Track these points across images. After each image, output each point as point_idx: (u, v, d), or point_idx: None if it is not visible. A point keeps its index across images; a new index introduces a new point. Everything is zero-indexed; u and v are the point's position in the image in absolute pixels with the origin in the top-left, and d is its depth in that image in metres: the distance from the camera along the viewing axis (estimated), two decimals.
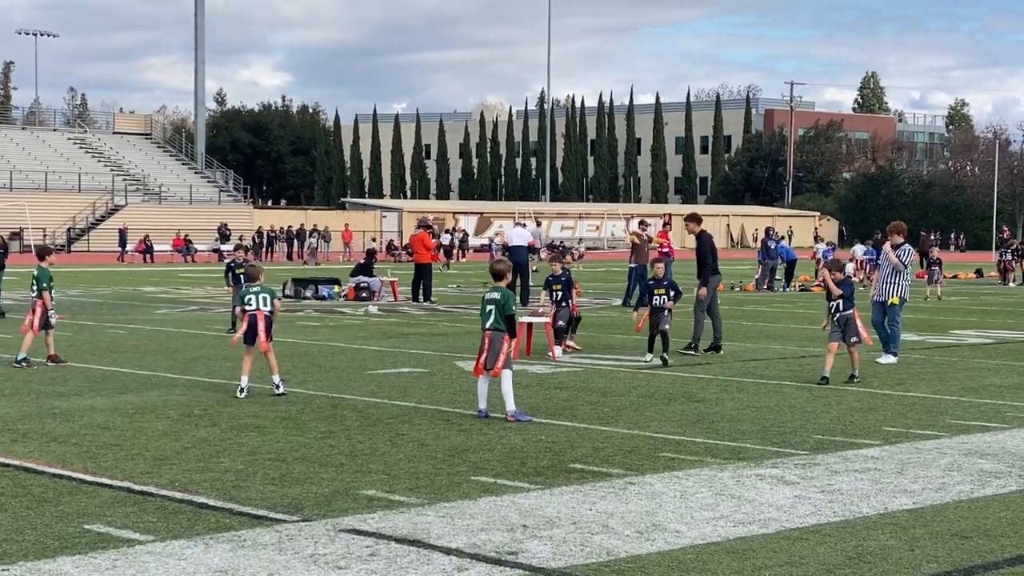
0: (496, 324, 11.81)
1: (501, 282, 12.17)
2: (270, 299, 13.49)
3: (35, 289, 16.14)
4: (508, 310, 11.86)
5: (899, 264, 17.23)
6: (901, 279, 17.29)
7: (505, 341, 11.81)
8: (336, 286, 31.28)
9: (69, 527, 7.50)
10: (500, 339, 11.79)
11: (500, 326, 11.81)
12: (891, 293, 17.21)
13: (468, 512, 8.03)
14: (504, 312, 11.83)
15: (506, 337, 11.84)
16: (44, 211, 71.48)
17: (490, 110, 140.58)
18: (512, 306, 11.93)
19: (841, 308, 15.00)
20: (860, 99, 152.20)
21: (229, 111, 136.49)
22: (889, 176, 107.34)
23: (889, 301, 17.18)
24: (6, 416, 11.72)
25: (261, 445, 10.33)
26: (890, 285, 17.27)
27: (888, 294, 17.23)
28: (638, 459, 9.90)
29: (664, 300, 16.85)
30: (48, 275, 16.21)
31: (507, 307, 11.86)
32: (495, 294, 11.99)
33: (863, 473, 9.42)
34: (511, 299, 11.98)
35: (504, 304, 11.86)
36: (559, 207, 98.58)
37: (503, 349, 11.78)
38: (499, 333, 11.81)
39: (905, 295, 17.41)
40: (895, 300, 17.16)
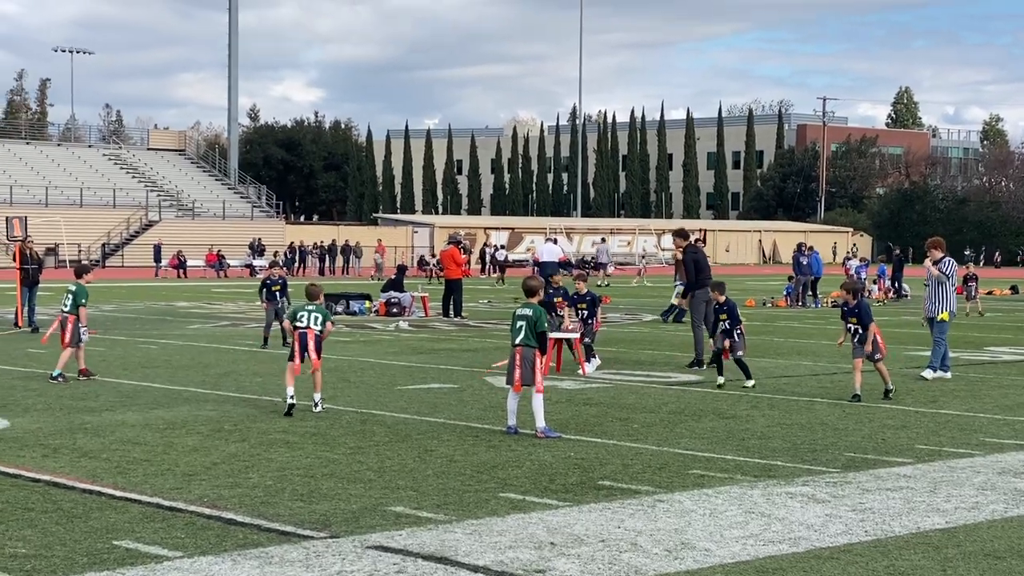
0: (527, 340, 11.77)
1: (533, 298, 12.13)
2: (322, 319, 13.50)
3: (67, 305, 16.23)
4: (540, 327, 11.82)
5: (942, 276, 17.12)
6: (948, 294, 17.16)
7: (537, 357, 11.79)
8: (367, 301, 31.35)
9: (98, 543, 7.52)
10: (532, 355, 11.76)
11: (531, 342, 11.78)
12: (940, 309, 17.10)
13: (496, 529, 8.00)
14: (536, 329, 11.80)
15: (537, 353, 11.81)
16: (79, 227, 71.97)
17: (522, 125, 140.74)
18: (544, 323, 11.90)
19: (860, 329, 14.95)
20: (893, 114, 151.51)
21: (262, 127, 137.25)
22: (923, 192, 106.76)
23: (939, 317, 17.06)
24: (38, 431, 11.78)
25: (290, 461, 10.33)
26: (938, 302, 17.16)
27: (937, 311, 17.12)
28: (667, 476, 9.85)
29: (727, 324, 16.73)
30: (85, 292, 16.40)
31: (539, 324, 11.82)
32: (527, 310, 11.95)
33: (895, 491, 9.34)
34: (543, 316, 11.94)
35: (536, 320, 11.82)
36: (590, 222, 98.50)
37: (536, 365, 11.74)
38: (530, 349, 11.78)
39: (953, 309, 17.29)
40: (944, 316, 17.05)
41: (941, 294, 17.17)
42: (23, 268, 25.34)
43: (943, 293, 17.16)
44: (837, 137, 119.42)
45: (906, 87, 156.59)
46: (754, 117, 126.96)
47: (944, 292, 17.17)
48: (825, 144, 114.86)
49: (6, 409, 13.26)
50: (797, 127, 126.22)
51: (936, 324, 17.14)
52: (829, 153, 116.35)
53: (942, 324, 17.08)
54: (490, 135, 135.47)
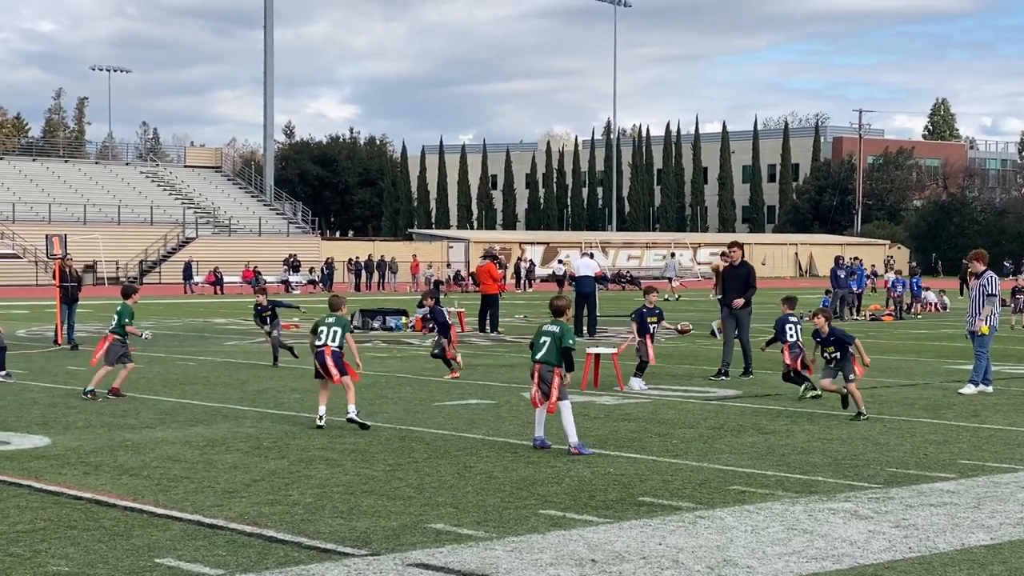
0: (546, 357, 11.75)
1: (561, 317, 12.11)
2: (341, 333, 13.52)
3: (113, 323, 16.37)
4: (565, 342, 11.75)
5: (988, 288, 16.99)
6: (991, 307, 16.99)
7: (556, 375, 11.72)
8: (403, 317, 31.40)
9: (140, 560, 7.54)
10: (550, 373, 11.73)
11: (551, 359, 11.75)
12: (981, 322, 16.95)
13: (537, 546, 7.97)
14: (561, 344, 11.74)
15: (557, 371, 11.74)
16: (117, 244, 72.53)
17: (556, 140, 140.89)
18: (571, 339, 11.81)
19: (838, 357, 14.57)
20: (930, 126, 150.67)
21: (297, 143, 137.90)
22: (961, 204, 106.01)
23: (980, 330, 16.92)
24: (79, 448, 11.85)
25: (330, 478, 10.34)
26: (979, 314, 17.01)
27: (978, 324, 16.97)
28: (708, 492, 9.80)
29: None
30: (130, 312, 16.60)
31: (564, 339, 11.75)
32: (554, 327, 11.93)
33: (939, 507, 9.25)
34: (569, 333, 11.89)
35: (562, 337, 11.78)
36: (626, 237, 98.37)
37: (555, 383, 11.70)
38: (548, 366, 11.75)
39: (995, 322, 17.11)
40: (985, 329, 16.89)
41: (984, 308, 17.02)
42: (62, 286, 25.54)
43: (987, 307, 16.99)
44: (874, 149, 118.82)
45: (943, 98, 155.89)
46: (790, 130, 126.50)
47: (988, 305, 17.00)
48: (862, 156, 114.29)
49: (47, 427, 13.35)
50: (833, 140, 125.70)
51: (977, 337, 16.99)
52: (866, 165, 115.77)
53: (983, 337, 16.93)
54: (525, 150, 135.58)
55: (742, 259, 19.72)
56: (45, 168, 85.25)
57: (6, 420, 13.87)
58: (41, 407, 15.09)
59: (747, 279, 19.24)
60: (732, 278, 19.32)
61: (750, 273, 19.46)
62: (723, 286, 19.68)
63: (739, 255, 19.75)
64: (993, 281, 17.08)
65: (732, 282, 19.16)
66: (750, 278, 19.30)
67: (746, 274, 19.38)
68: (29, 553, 7.72)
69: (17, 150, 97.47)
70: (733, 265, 19.58)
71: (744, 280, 19.24)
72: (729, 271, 19.62)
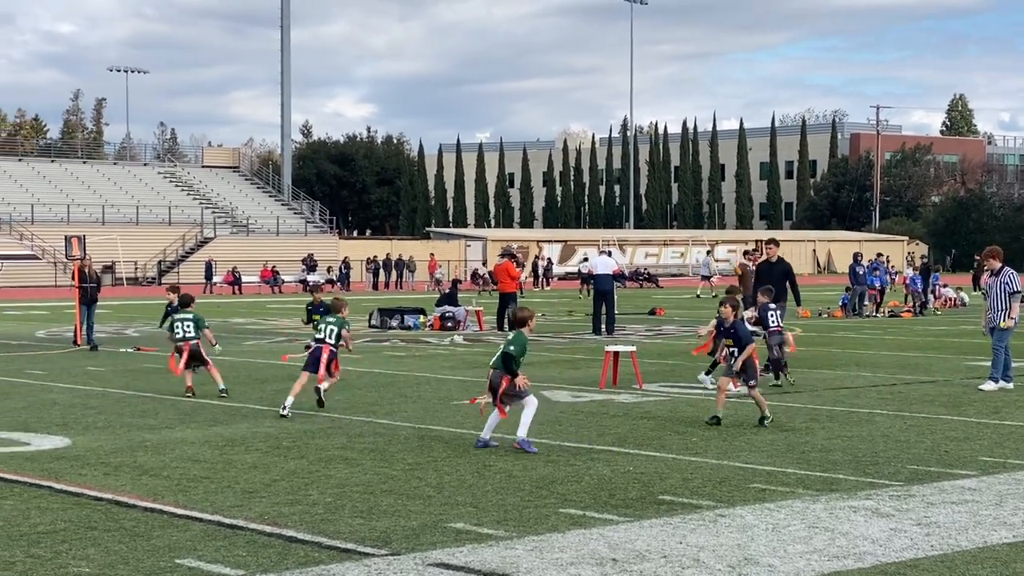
0: (498, 363, 11.89)
1: (523, 328, 12.13)
2: (337, 332, 14.45)
3: (190, 331, 16.64)
4: (506, 348, 11.86)
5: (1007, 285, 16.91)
6: (1013, 303, 16.91)
7: (504, 381, 11.78)
8: (421, 316, 31.41)
9: (161, 561, 7.55)
10: (497, 378, 11.83)
11: (499, 367, 11.85)
12: (1002, 317, 16.89)
13: (557, 545, 7.95)
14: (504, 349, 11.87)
15: (506, 378, 11.80)
16: (136, 244, 72.76)
17: (573, 138, 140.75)
18: (511, 346, 11.84)
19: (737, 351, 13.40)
20: (948, 122, 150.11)
21: (315, 143, 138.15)
22: (979, 199, 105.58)
23: (1001, 325, 16.86)
24: (99, 449, 11.87)
25: (349, 477, 10.34)
26: (1001, 310, 16.93)
27: (999, 319, 16.91)
28: (728, 490, 9.76)
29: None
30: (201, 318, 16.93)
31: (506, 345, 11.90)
32: (509, 334, 12.16)
33: (960, 505, 9.20)
34: (517, 342, 11.90)
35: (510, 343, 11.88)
36: (643, 234, 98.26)
37: (502, 389, 11.79)
38: (498, 372, 11.85)
39: (1015, 317, 17.02)
40: (1006, 324, 16.82)
41: (1001, 303, 16.94)
42: (81, 286, 25.62)
43: (1009, 302, 16.91)
44: (891, 146, 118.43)
45: (960, 94, 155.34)
46: (807, 126, 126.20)
47: (1004, 301, 16.93)
48: (879, 153, 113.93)
49: (67, 427, 13.39)
50: (851, 136, 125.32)
51: (996, 332, 16.93)
52: (883, 162, 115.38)
53: (1003, 333, 16.86)
54: (542, 148, 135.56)
55: (779, 256, 19.92)
56: (63, 169, 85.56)
57: (26, 421, 13.92)
58: (61, 408, 15.13)
59: (786, 275, 19.36)
60: (769, 274, 19.38)
61: (789, 269, 19.70)
62: (757, 282, 19.71)
63: (775, 252, 19.92)
64: (1014, 278, 16.99)
65: (768, 279, 19.14)
66: (790, 275, 19.46)
67: (784, 271, 19.53)
68: (50, 554, 7.74)
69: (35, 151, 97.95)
70: (770, 261, 19.76)
71: (782, 277, 19.32)
72: (764, 267, 19.77)
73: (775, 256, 19.80)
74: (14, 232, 71.53)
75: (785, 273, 19.56)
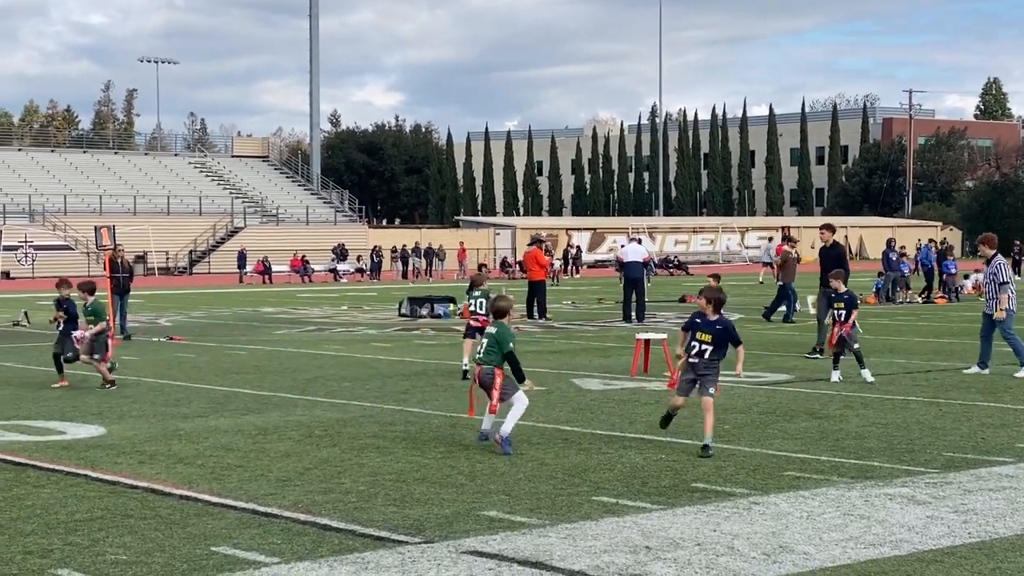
0: (486, 359, 11.22)
1: (503, 319, 11.53)
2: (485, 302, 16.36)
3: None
4: (504, 348, 11.17)
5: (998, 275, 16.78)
6: (1002, 293, 16.75)
7: (497, 376, 11.19)
8: (451, 304, 31.41)
9: (197, 549, 7.58)
10: (491, 375, 11.20)
11: (491, 361, 11.20)
12: (994, 309, 16.77)
13: (590, 533, 7.94)
14: (500, 348, 11.17)
15: (498, 372, 11.20)
16: (167, 234, 73.12)
17: (602, 125, 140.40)
18: (508, 343, 11.16)
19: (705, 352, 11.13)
20: (982, 105, 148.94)
21: (343, 132, 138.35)
22: (1014, 184, 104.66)
23: (995, 315, 16.75)
24: (133, 438, 11.94)
25: (382, 466, 10.36)
26: (992, 300, 16.85)
27: (994, 308, 16.80)
28: (762, 478, 9.72)
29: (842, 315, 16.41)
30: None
31: (503, 345, 11.17)
32: (492, 328, 11.40)
33: (998, 492, 9.13)
34: (506, 336, 11.23)
35: (499, 341, 11.20)
36: (673, 221, 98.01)
37: (496, 384, 11.16)
38: (488, 368, 11.22)
39: (1012, 307, 16.89)
40: (998, 315, 16.69)
41: (997, 292, 16.77)
42: (114, 276, 25.74)
43: (999, 291, 16.74)
44: (924, 130, 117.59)
45: (995, 77, 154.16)
46: (838, 111, 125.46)
47: (1000, 290, 16.75)
48: (912, 137, 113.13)
49: (102, 416, 13.47)
50: (883, 121, 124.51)
51: (998, 325, 16.81)
52: (916, 146, 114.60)
53: (1000, 322, 16.75)
54: (570, 135, 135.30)
55: (834, 240, 20.18)
56: (95, 160, 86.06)
57: (62, 410, 14.01)
58: (96, 397, 15.22)
59: (839, 260, 19.48)
60: (827, 259, 19.71)
61: (841, 254, 19.86)
62: (821, 267, 19.99)
63: (830, 236, 20.20)
64: (1004, 267, 16.82)
65: (827, 263, 19.45)
66: (841, 259, 19.60)
67: (838, 255, 19.72)
68: (88, 542, 7.78)
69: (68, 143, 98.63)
70: (826, 247, 20.09)
71: (836, 261, 19.47)
72: (823, 253, 20.11)
73: (830, 240, 20.14)
74: (47, 223, 72.02)
75: (838, 257, 19.75)
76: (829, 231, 20.42)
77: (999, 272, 16.78)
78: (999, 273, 16.78)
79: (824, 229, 20.64)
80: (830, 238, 20.18)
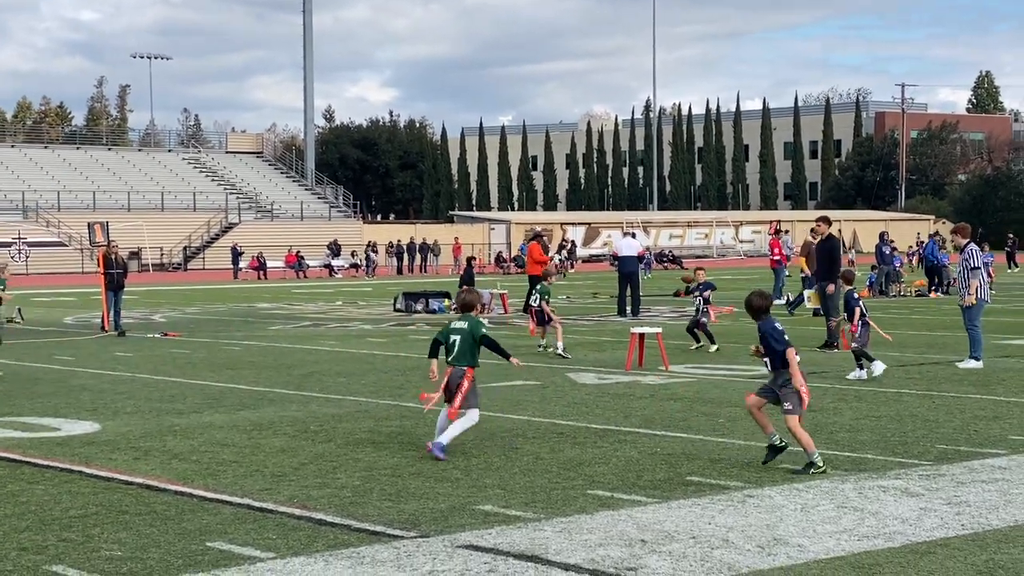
0: (458, 359, 10.79)
1: (471, 312, 11.13)
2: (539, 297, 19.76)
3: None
4: (477, 334, 10.79)
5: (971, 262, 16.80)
6: (972, 279, 16.78)
7: (466, 378, 10.72)
8: (446, 299, 31.43)
9: (192, 544, 7.59)
10: (461, 376, 10.73)
11: (464, 361, 10.77)
12: (962, 295, 16.85)
13: (586, 527, 7.96)
14: (474, 339, 10.80)
15: (468, 372, 10.75)
16: (161, 230, 73.05)
17: (596, 120, 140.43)
18: (481, 328, 10.85)
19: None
20: (974, 99, 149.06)
21: (337, 127, 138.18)
22: (1006, 177, 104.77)
23: (961, 303, 16.82)
24: (128, 434, 11.94)
25: (377, 460, 10.37)
26: (963, 287, 16.89)
27: (963, 297, 16.84)
28: (756, 471, 9.75)
29: None
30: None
31: (475, 332, 10.80)
32: (462, 323, 10.94)
33: (991, 484, 9.16)
34: (478, 324, 10.90)
35: (472, 331, 10.82)
36: (667, 216, 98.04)
37: (463, 387, 10.67)
38: (460, 369, 10.76)
39: (984, 296, 16.94)
40: (966, 302, 16.73)
41: (969, 281, 16.79)
42: (107, 273, 25.74)
43: (971, 280, 16.77)
44: (917, 124, 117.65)
45: (987, 71, 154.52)
46: (831, 106, 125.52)
47: (970, 278, 16.77)
48: (905, 131, 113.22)
49: (97, 412, 13.47)
50: (875, 115, 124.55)
51: (965, 311, 16.84)
52: (909, 140, 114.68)
53: (970, 311, 16.77)
54: (564, 130, 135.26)
55: (828, 234, 20.11)
56: (89, 156, 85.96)
57: (56, 406, 14.01)
58: (90, 393, 15.22)
59: (830, 254, 19.47)
60: (819, 252, 19.72)
61: (833, 248, 19.79)
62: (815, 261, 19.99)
63: (825, 229, 20.19)
64: (975, 254, 16.85)
65: (820, 257, 19.48)
66: (833, 253, 19.56)
67: (829, 249, 19.68)
68: (82, 538, 7.79)
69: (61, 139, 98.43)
70: (821, 240, 20.03)
71: (828, 255, 19.47)
72: (817, 246, 20.05)
73: (825, 233, 20.15)
74: (41, 219, 71.93)
75: (829, 251, 19.74)
76: (826, 224, 20.44)
77: (971, 258, 16.80)
78: (971, 259, 16.80)
79: (820, 222, 20.65)
80: (826, 230, 20.23)
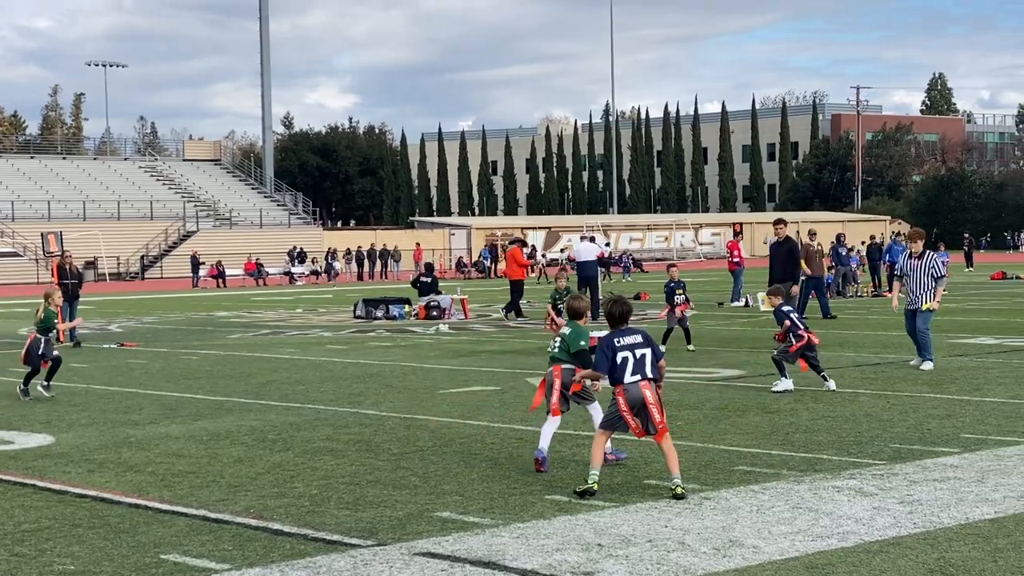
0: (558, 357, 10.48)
1: (580, 320, 10.69)
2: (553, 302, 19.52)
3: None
4: (574, 347, 10.45)
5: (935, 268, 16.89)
6: (939, 287, 16.88)
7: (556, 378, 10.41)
8: (407, 305, 31.39)
9: (146, 557, 7.54)
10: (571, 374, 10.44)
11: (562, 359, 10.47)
12: (924, 299, 16.82)
13: (543, 532, 7.97)
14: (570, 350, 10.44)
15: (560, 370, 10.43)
16: (117, 240, 72.50)
17: (555, 124, 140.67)
18: (579, 343, 10.46)
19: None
20: (928, 101, 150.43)
21: (296, 134, 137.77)
22: (960, 178, 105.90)
23: (924, 307, 16.80)
24: (83, 446, 11.85)
25: (335, 469, 10.35)
26: (925, 292, 16.83)
27: (921, 301, 16.84)
28: (713, 473, 9.80)
29: None
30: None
31: (572, 344, 10.45)
32: (566, 329, 10.62)
33: (942, 482, 9.25)
34: (576, 335, 10.46)
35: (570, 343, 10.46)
36: (627, 219, 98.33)
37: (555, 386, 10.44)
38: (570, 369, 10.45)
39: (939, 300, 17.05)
40: (929, 305, 16.77)
41: (931, 286, 16.84)
42: (62, 283, 25.52)
43: (934, 286, 16.81)
44: (872, 126, 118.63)
45: (940, 73, 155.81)
46: (788, 108, 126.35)
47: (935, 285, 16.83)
48: (860, 133, 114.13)
49: (51, 425, 13.36)
50: (832, 117, 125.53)
51: (921, 314, 16.86)
52: (864, 142, 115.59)
53: (926, 315, 16.84)
54: (524, 135, 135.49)
55: (786, 236, 20.22)
56: (43, 165, 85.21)
57: (9, 419, 13.88)
58: (44, 405, 15.10)
59: (790, 254, 19.54)
60: (777, 255, 19.75)
61: (793, 249, 19.87)
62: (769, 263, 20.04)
63: (784, 231, 20.24)
64: (940, 264, 16.90)
65: (777, 259, 19.52)
66: (793, 253, 19.63)
67: (788, 250, 19.75)
68: (34, 552, 7.73)
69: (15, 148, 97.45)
70: (778, 242, 20.08)
71: (787, 256, 19.53)
72: (774, 247, 20.08)
73: (783, 235, 20.20)
74: None
75: (789, 252, 19.85)
76: (783, 226, 20.53)
77: (937, 267, 16.85)
78: (936, 268, 16.84)
79: (777, 224, 20.73)
80: (784, 232, 20.32)
